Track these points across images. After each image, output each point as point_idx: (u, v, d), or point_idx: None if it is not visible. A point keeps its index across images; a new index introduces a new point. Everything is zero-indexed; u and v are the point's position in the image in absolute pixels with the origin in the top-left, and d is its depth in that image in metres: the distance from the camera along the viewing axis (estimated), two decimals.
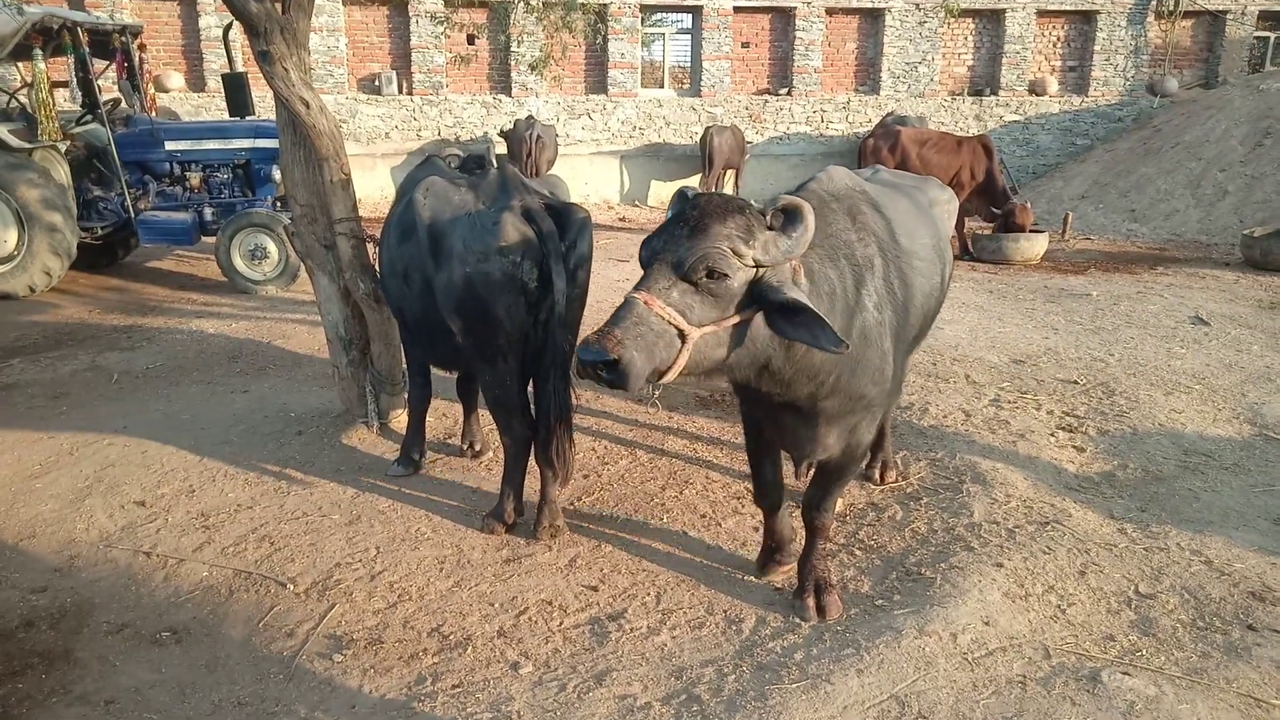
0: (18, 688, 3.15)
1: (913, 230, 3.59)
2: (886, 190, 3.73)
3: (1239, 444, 5.29)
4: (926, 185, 4.43)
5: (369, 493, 4.69)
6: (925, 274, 3.61)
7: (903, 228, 3.47)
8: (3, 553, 4.07)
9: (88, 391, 6.34)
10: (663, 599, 3.70)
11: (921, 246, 3.60)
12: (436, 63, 15.68)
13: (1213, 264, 11.39)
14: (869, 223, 3.24)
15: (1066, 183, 16.20)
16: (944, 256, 4.00)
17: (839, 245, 3.09)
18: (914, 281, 3.44)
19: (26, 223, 8.80)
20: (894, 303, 3.24)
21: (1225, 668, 3.19)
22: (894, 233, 3.37)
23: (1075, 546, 4.03)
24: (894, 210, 3.50)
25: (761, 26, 16.87)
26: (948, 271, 4.10)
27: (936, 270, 3.82)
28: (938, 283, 3.89)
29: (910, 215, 3.69)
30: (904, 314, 3.34)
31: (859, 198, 3.33)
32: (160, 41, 15.18)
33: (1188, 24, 17.62)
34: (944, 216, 4.31)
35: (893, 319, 3.23)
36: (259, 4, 4.64)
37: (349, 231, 5.11)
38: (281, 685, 3.18)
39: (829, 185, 3.30)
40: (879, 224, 3.29)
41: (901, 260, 3.34)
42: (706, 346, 2.69)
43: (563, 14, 8.31)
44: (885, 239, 3.27)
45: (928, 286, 3.68)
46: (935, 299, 3.89)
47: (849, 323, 3.04)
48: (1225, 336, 7.70)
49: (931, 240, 3.79)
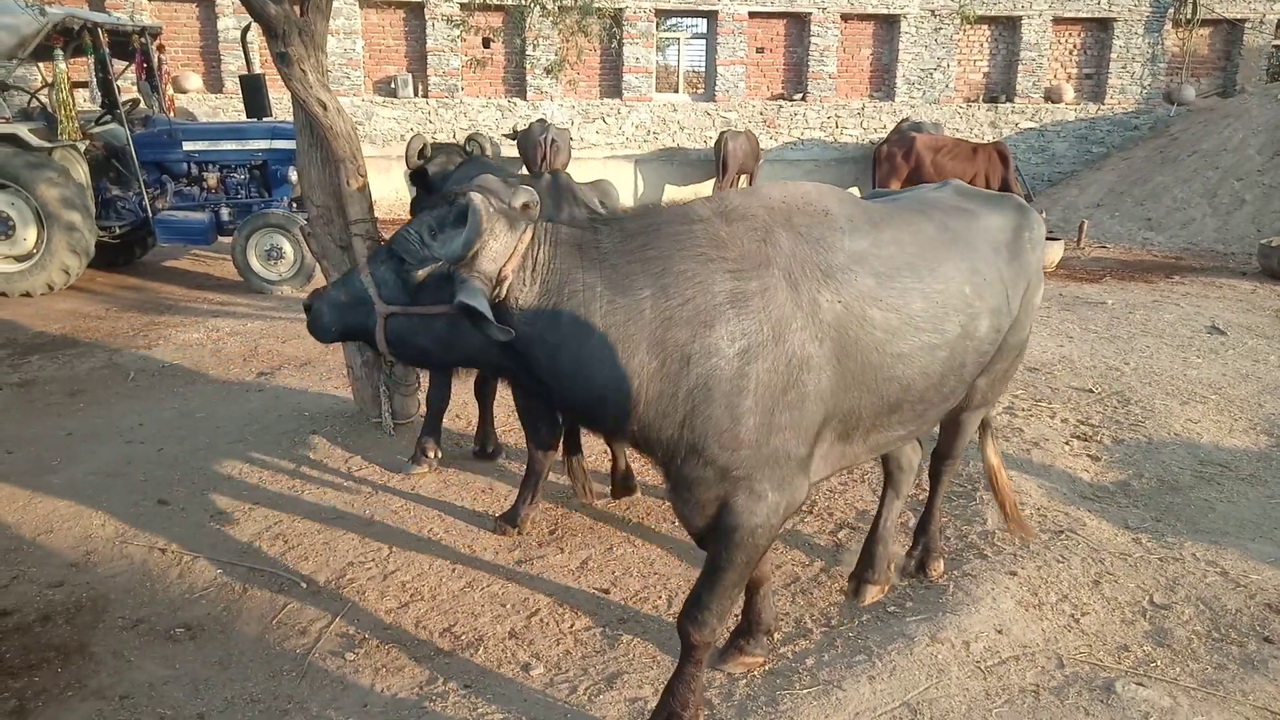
0: (34, 681, 3.17)
1: (896, 270, 2.80)
2: (880, 214, 2.94)
3: (1255, 455, 5.26)
4: (990, 210, 3.32)
5: (382, 493, 4.71)
6: (908, 328, 2.79)
7: (869, 267, 2.74)
8: (20, 547, 4.10)
9: (104, 389, 6.39)
10: (674, 602, 3.70)
11: (912, 291, 2.80)
12: (452, 66, 15.74)
13: (1229, 273, 11.31)
14: (770, 254, 2.59)
15: (1082, 191, 16.13)
16: (990, 305, 3.04)
17: (664, 271, 2.52)
18: (869, 337, 2.70)
19: (46, 221, 8.87)
20: (798, 357, 2.55)
21: (1241, 680, 3.17)
22: (838, 270, 2.66)
23: (1089, 556, 4.01)
24: (859, 243, 2.75)
25: (776, 32, 16.86)
26: (1002, 325, 3.13)
27: (955, 324, 2.91)
28: (959, 340, 2.94)
29: (906, 252, 2.86)
30: (838, 377, 2.65)
31: (780, 222, 2.66)
32: (179, 43, 15.29)
33: (1205, 32, 17.52)
34: (1017, 247, 3.26)
35: (793, 378, 2.55)
36: (278, 6, 4.67)
37: (364, 233, 5.13)
38: (294, 683, 3.20)
39: (732, 201, 2.71)
40: (800, 257, 2.61)
41: (846, 308, 2.65)
42: (405, 330, 2.69)
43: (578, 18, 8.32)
44: (806, 277, 2.60)
45: (916, 345, 2.81)
46: (951, 364, 2.95)
47: (669, 368, 2.50)
48: (1242, 346, 7.65)
49: (950, 285, 2.91)
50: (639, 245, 2.58)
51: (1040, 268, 3.41)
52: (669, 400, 2.53)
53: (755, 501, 2.64)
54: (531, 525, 4.32)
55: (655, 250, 2.56)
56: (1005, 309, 3.15)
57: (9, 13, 8.64)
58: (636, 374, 2.51)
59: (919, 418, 3.08)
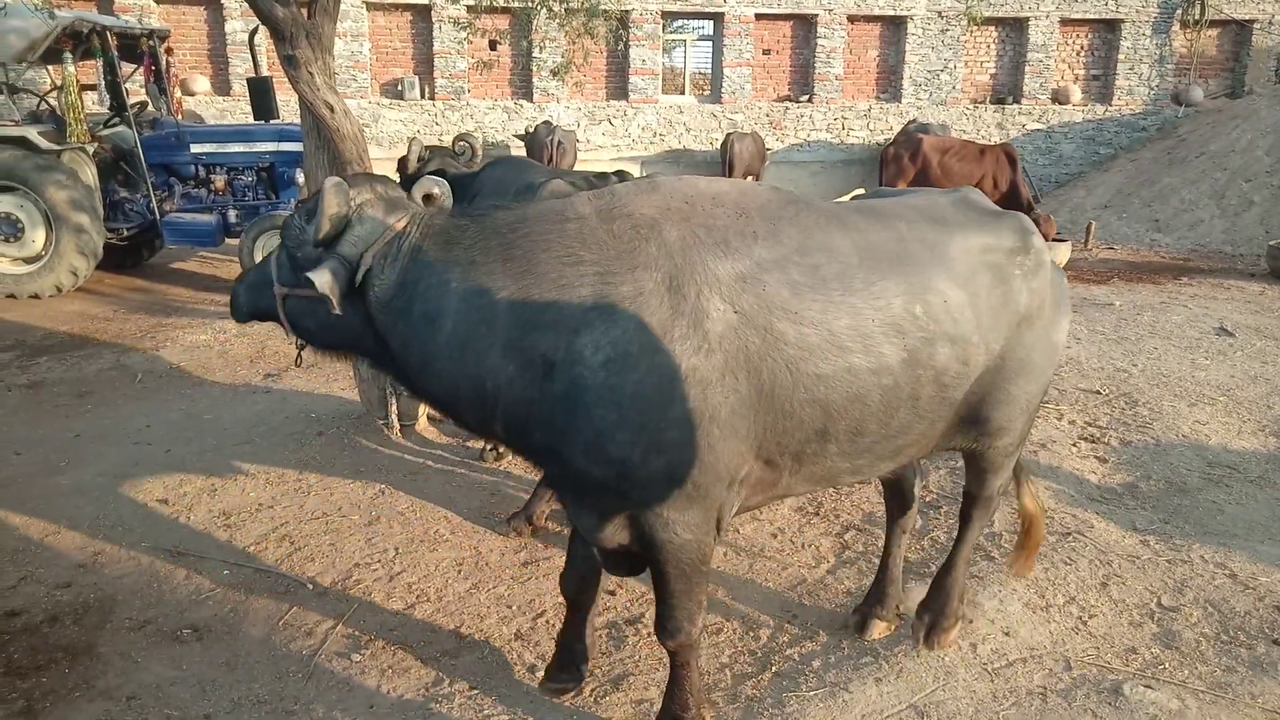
0: (42, 682, 3.18)
1: (821, 281, 2.49)
2: (818, 219, 2.64)
3: (1264, 456, 5.23)
4: (976, 227, 2.89)
5: (388, 494, 4.71)
6: (829, 347, 2.47)
7: (784, 275, 2.45)
8: (29, 548, 4.12)
9: (112, 390, 6.41)
10: None
11: (839, 306, 2.49)
12: (459, 68, 15.77)
13: (1238, 275, 11.27)
14: (651, 257, 2.38)
15: (1089, 192, 16.09)
16: (952, 331, 2.65)
17: (526, 271, 2.41)
18: (777, 353, 2.42)
19: (54, 223, 8.91)
20: (677, 371, 2.34)
21: (1250, 682, 3.15)
22: (739, 277, 2.41)
23: (1097, 558, 3.99)
24: (776, 249, 2.48)
25: (783, 34, 16.85)
26: (972, 357, 2.72)
27: (896, 348, 2.55)
28: (906, 368, 2.59)
29: (839, 262, 2.54)
30: (740, 395, 2.41)
31: (675, 222, 2.45)
32: (187, 45, 15.35)
33: (1213, 33, 17.45)
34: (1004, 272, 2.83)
35: (673, 392, 2.34)
36: (285, 9, 4.69)
37: None
38: (300, 684, 3.20)
39: (620, 197, 2.53)
40: (690, 261, 2.39)
41: (744, 319, 2.39)
42: (297, 311, 2.80)
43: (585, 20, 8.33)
44: (694, 282, 2.37)
45: (839, 367, 2.48)
46: (898, 394, 2.61)
47: (531, 373, 2.39)
48: (1250, 348, 7.61)
49: (891, 303, 2.56)
50: (503, 243, 2.48)
51: (1048, 300, 2.92)
52: (532, 406, 2.42)
53: (659, 523, 2.51)
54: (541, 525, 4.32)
55: (520, 249, 2.45)
56: (978, 339, 2.72)
57: (19, 16, 8.70)
58: (490, 376, 2.44)
59: (869, 452, 2.71)
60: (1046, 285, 2.94)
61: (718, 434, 2.41)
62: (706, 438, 2.40)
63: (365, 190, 2.63)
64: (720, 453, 2.44)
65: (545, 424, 2.44)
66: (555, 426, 2.42)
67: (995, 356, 2.82)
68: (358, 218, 2.57)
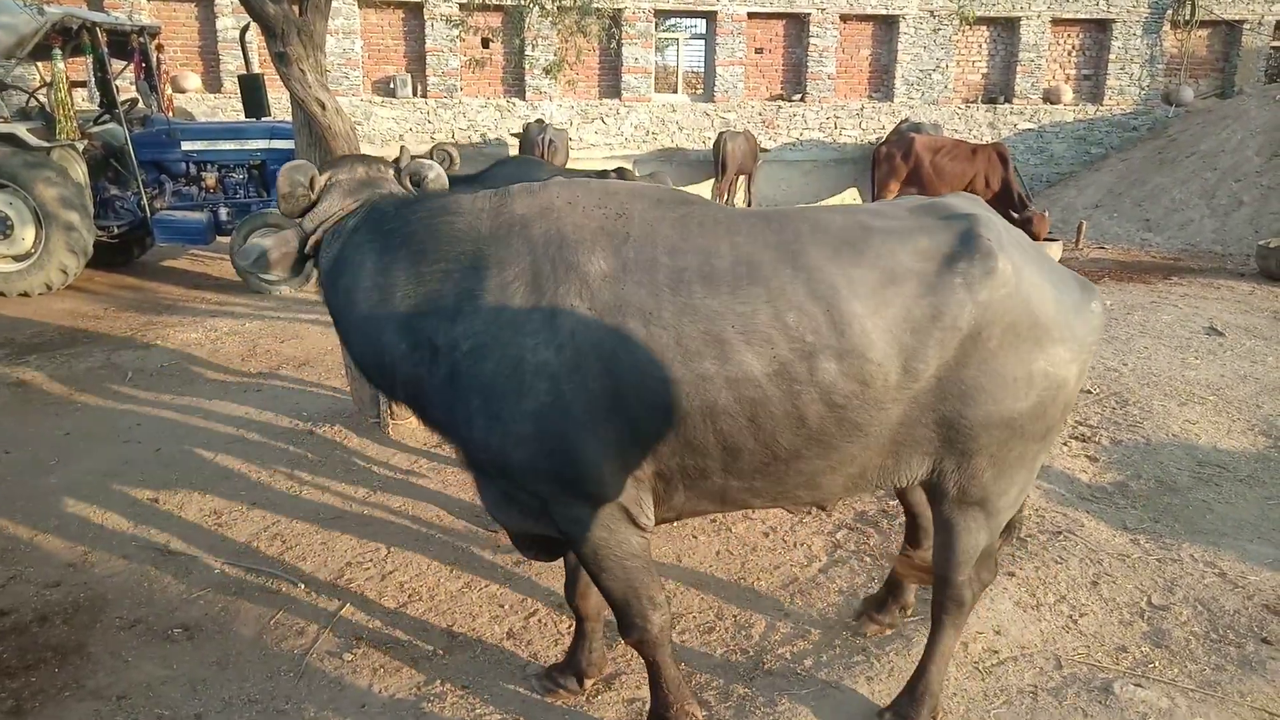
0: (31, 681, 3.17)
1: (684, 284, 2.39)
2: (705, 220, 2.53)
3: (1253, 456, 5.26)
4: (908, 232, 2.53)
5: (380, 493, 4.70)
6: (678, 351, 2.35)
7: (649, 276, 2.40)
8: (18, 547, 4.10)
9: (102, 389, 6.38)
10: (672, 603, 3.69)
11: (695, 310, 2.36)
12: (451, 66, 15.73)
13: (1228, 274, 11.32)
14: (517, 253, 2.45)
15: (1080, 191, 16.14)
16: (844, 345, 2.37)
17: (420, 259, 2.55)
18: (628, 355, 2.35)
19: (44, 221, 8.87)
20: (528, 364, 2.38)
21: (1239, 681, 3.17)
22: (601, 276, 2.40)
23: (1088, 557, 4.01)
24: (647, 250, 2.43)
25: (775, 33, 16.86)
26: (871, 376, 2.40)
27: (759, 357, 2.35)
28: (775, 380, 2.37)
29: (711, 265, 2.42)
30: (594, 395, 2.37)
31: (549, 220, 2.49)
32: (178, 42, 15.27)
33: (1204, 33, 17.52)
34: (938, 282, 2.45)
35: (524, 385, 2.39)
36: (276, 6, 4.67)
37: None
38: (292, 683, 3.19)
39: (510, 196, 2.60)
40: (553, 259, 2.43)
41: (599, 318, 2.37)
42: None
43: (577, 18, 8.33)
44: (555, 279, 2.41)
45: (691, 374, 2.35)
46: (769, 410, 2.40)
47: (420, 354, 2.53)
48: (1240, 347, 7.65)
49: (759, 310, 2.37)
50: (410, 230, 2.61)
51: (1018, 318, 2.45)
52: (423, 384, 2.57)
53: (557, 516, 2.56)
54: None
55: (419, 238, 2.59)
56: (885, 357, 2.39)
57: (8, 12, 8.64)
58: (387, 351, 2.60)
59: (764, 475, 2.53)
60: (1009, 299, 2.43)
61: (574, 431, 2.41)
62: (563, 433, 2.42)
63: (341, 172, 2.82)
64: (583, 451, 2.43)
65: (435, 403, 2.60)
66: (443, 407, 2.57)
67: (926, 378, 2.42)
68: (323, 196, 2.78)
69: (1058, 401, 2.57)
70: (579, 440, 2.42)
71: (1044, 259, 2.64)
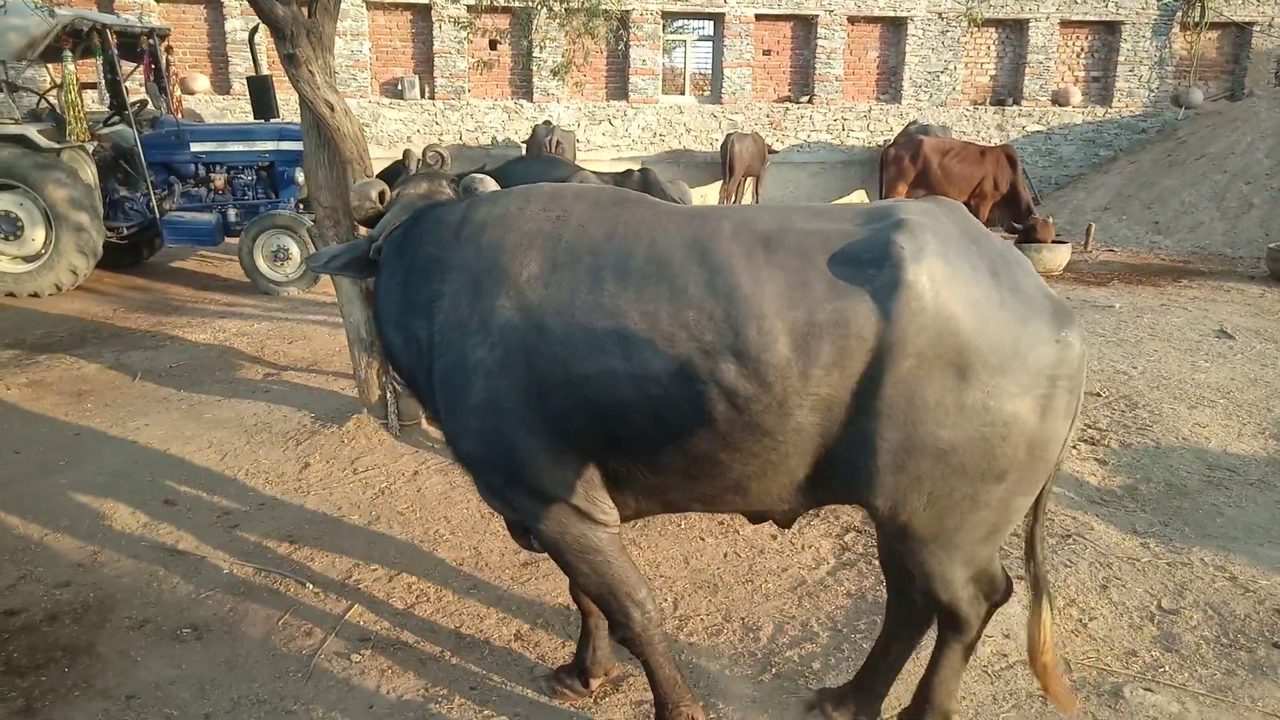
0: (41, 680, 3.18)
1: (601, 282, 2.40)
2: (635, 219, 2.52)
3: (1264, 459, 5.23)
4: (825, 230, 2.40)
5: (388, 494, 4.71)
6: (589, 348, 2.38)
7: (572, 274, 2.44)
8: (28, 547, 4.12)
9: (111, 389, 6.40)
10: (680, 605, 3.69)
11: (605, 309, 2.37)
12: (459, 67, 15.77)
13: (1238, 277, 11.28)
14: (466, 258, 2.59)
15: (1089, 194, 16.10)
16: (730, 344, 2.29)
17: (410, 263, 2.72)
18: (549, 351, 2.41)
19: (54, 222, 8.91)
20: (468, 361, 2.50)
21: (1250, 686, 3.15)
22: (531, 276, 2.47)
23: (1097, 560, 3.99)
24: (573, 252, 2.47)
25: (783, 34, 16.86)
26: (768, 381, 2.28)
27: (659, 356, 2.32)
28: (676, 380, 2.33)
29: (626, 263, 2.41)
30: (522, 392, 2.45)
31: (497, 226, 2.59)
32: (187, 44, 15.34)
33: (1213, 35, 17.47)
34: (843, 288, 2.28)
35: (466, 382, 2.51)
36: (286, 8, 4.69)
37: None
38: (300, 684, 3.20)
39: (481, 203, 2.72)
40: (491, 262, 2.53)
41: (524, 317, 2.44)
42: None
43: (585, 20, 8.34)
44: (491, 281, 2.51)
45: (599, 370, 2.37)
46: (676, 411, 2.36)
47: (411, 349, 2.73)
48: (1250, 350, 7.62)
49: (660, 307, 2.34)
50: (413, 238, 2.82)
51: (945, 340, 2.22)
52: (417, 376, 2.78)
53: (516, 509, 2.68)
54: None
55: (415, 245, 2.78)
56: (785, 362, 2.26)
57: (19, 14, 8.70)
58: (391, 342, 2.85)
59: (695, 479, 2.51)
60: (923, 315, 2.21)
61: (508, 425, 2.50)
62: (499, 427, 2.52)
63: (407, 186, 3.04)
64: (518, 444, 2.52)
65: (427, 398, 2.80)
66: (429, 401, 2.77)
67: (834, 387, 2.28)
68: (389, 208, 2.97)
69: (1010, 441, 2.27)
70: (514, 434, 2.51)
71: (1001, 277, 2.29)
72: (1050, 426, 2.31)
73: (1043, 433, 2.30)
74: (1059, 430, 2.33)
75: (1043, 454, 2.34)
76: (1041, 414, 2.28)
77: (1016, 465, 2.32)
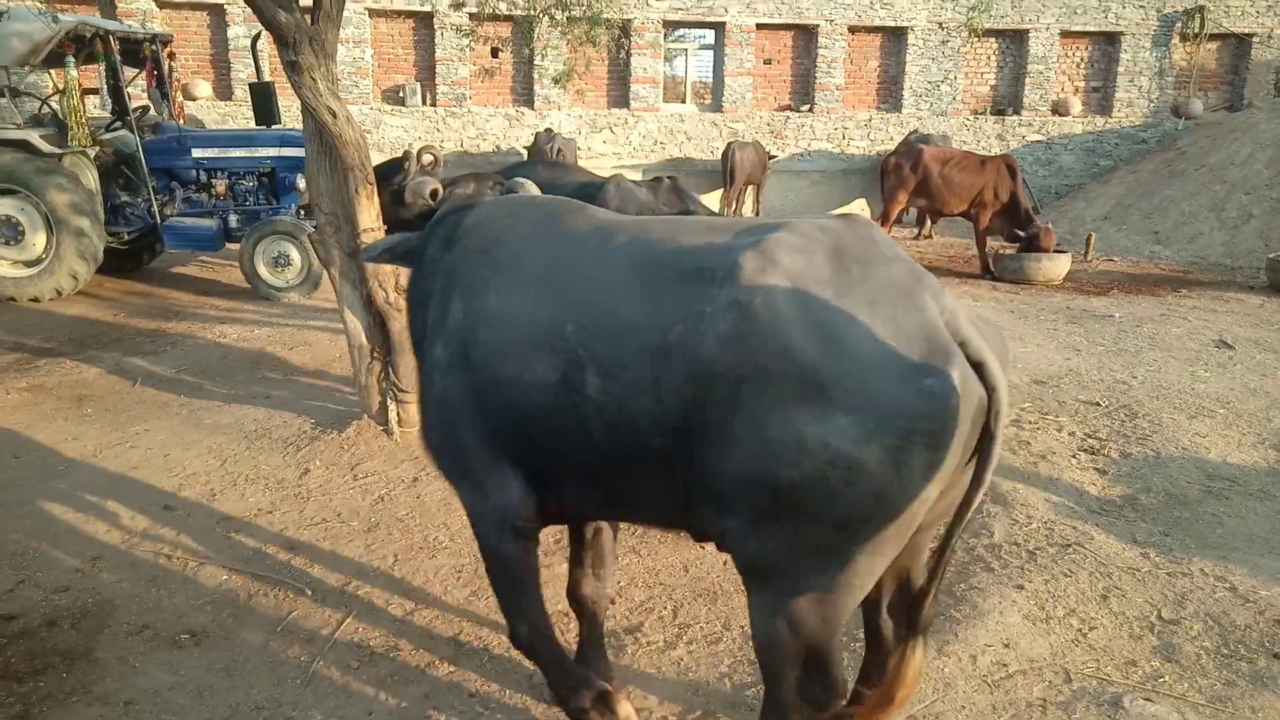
0: (39, 686, 3.17)
1: (522, 289, 2.49)
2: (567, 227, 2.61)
3: (1264, 470, 5.23)
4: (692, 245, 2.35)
5: (387, 500, 4.71)
6: (500, 355, 2.47)
7: (504, 280, 2.53)
8: (27, 552, 4.11)
9: (111, 395, 6.40)
10: (679, 613, 3.69)
11: (515, 316, 2.46)
12: (460, 75, 15.81)
13: (1237, 287, 11.29)
14: (441, 267, 2.74)
15: (1089, 203, 16.12)
16: (598, 356, 2.31)
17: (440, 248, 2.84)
18: (479, 353, 2.52)
19: (55, 227, 8.92)
20: (430, 359, 2.68)
21: (1250, 697, 3.15)
22: (477, 283, 2.59)
23: (1097, 570, 3.99)
24: (508, 258, 2.58)
25: (784, 43, 16.91)
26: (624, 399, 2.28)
27: (548, 366, 2.37)
28: (562, 391, 2.36)
29: (543, 270, 2.50)
30: (465, 388, 2.56)
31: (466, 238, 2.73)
32: (189, 50, 15.39)
33: (1213, 46, 17.52)
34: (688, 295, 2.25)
35: (430, 378, 2.68)
36: (289, 15, 4.70)
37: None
38: (298, 691, 3.19)
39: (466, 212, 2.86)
40: (456, 270, 2.68)
41: (467, 320, 2.56)
42: None
43: (587, 29, 8.35)
44: (452, 288, 2.65)
45: (507, 376, 2.45)
46: (566, 419, 2.38)
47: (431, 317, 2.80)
48: (1250, 360, 7.62)
49: (552, 317, 2.39)
50: (430, 235, 2.96)
51: (779, 365, 2.05)
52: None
53: (464, 503, 2.81)
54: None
55: (428, 243, 2.95)
56: (639, 378, 2.24)
57: (22, 20, 8.72)
58: (414, 331, 3.00)
59: (603, 489, 2.53)
60: (757, 340, 2.08)
61: (453, 420, 2.63)
62: (448, 421, 2.65)
63: (456, 187, 3.39)
64: (463, 439, 2.63)
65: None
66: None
67: (673, 411, 2.21)
68: (439, 206, 3.29)
69: (857, 490, 2.01)
70: (460, 429, 2.62)
71: (876, 308, 2.07)
72: (906, 483, 2.01)
73: (895, 489, 2.01)
74: (918, 489, 2.02)
75: (895, 514, 2.05)
76: (893, 467, 1.99)
77: (861, 519, 2.06)
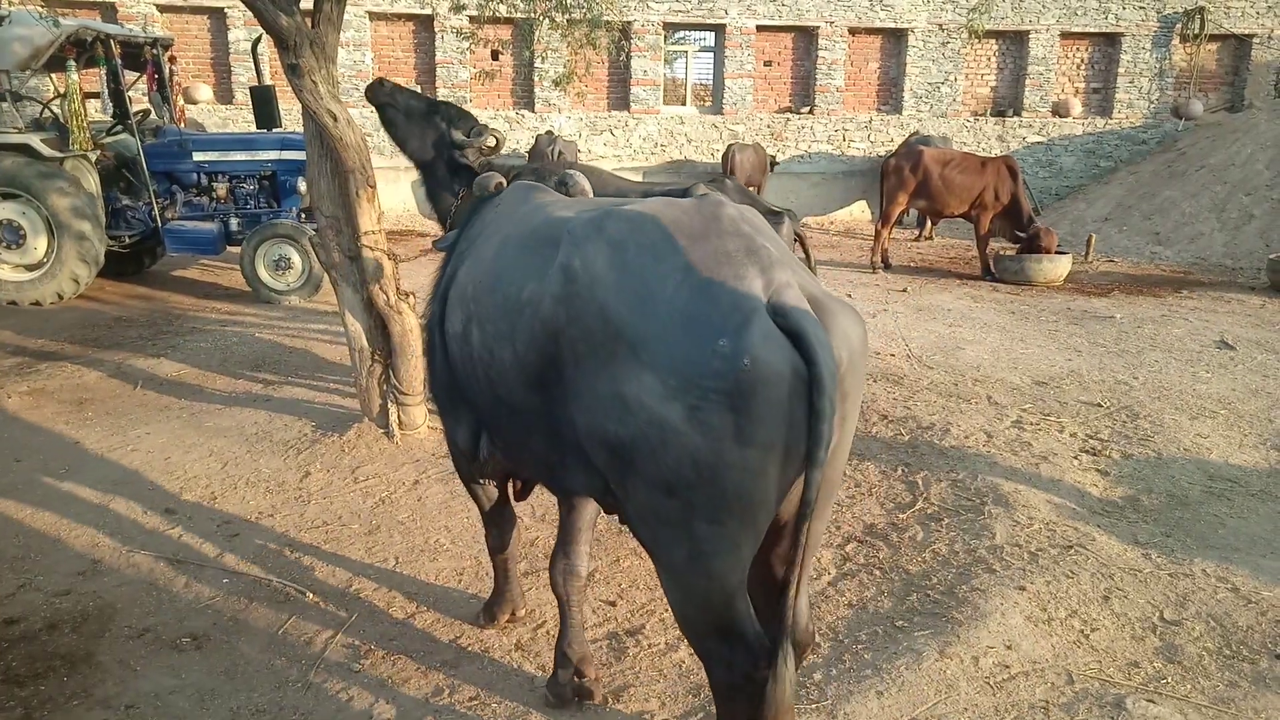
0: (40, 689, 3.17)
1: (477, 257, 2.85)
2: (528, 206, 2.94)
3: (1265, 470, 5.23)
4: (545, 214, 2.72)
5: (388, 503, 4.70)
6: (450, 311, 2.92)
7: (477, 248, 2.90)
8: (27, 555, 4.11)
9: (112, 398, 6.40)
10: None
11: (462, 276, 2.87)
12: (461, 78, 15.82)
13: (1238, 288, 11.28)
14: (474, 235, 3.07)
15: (1090, 205, 16.12)
16: (477, 313, 2.69)
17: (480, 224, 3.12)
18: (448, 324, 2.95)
19: (56, 230, 8.93)
20: (435, 315, 3.10)
21: (1253, 698, 3.14)
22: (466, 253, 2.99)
23: (1099, 571, 3.98)
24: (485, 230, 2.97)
25: (784, 45, 16.92)
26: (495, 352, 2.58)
27: (458, 319, 2.82)
28: (463, 341, 2.76)
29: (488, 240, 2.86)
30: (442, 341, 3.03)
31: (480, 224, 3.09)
32: (190, 54, 15.40)
33: (1213, 47, 17.52)
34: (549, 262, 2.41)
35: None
36: (289, 18, 4.70)
37: (374, 244, 5.14)
38: (299, 694, 3.19)
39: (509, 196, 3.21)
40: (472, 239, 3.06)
41: (457, 284, 2.90)
42: None
43: (587, 31, 8.35)
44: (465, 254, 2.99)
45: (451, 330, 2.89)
46: (475, 367, 2.71)
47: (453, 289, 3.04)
48: (1251, 361, 7.61)
49: (466, 275, 2.84)
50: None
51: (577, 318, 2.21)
52: None
53: (452, 452, 3.37)
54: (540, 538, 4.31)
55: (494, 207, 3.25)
56: (504, 332, 2.50)
57: (23, 24, 8.73)
58: None
59: (519, 445, 2.77)
60: (578, 299, 2.21)
61: (446, 385, 3.08)
62: (444, 385, 3.11)
63: (521, 179, 3.52)
64: (449, 402, 3.15)
65: None
66: None
67: (531, 364, 2.39)
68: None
69: (674, 451, 2.02)
70: (447, 392, 3.10)
71: (701, 271, 2.08)
72: (718, 447, 1.99)
73: (707, 451, 2.00)
74: (732, 455, 1.99)
75: (714, 478, 2.01)
76: (697, 427, 1.99)
77: (684, 483, 2.05)
